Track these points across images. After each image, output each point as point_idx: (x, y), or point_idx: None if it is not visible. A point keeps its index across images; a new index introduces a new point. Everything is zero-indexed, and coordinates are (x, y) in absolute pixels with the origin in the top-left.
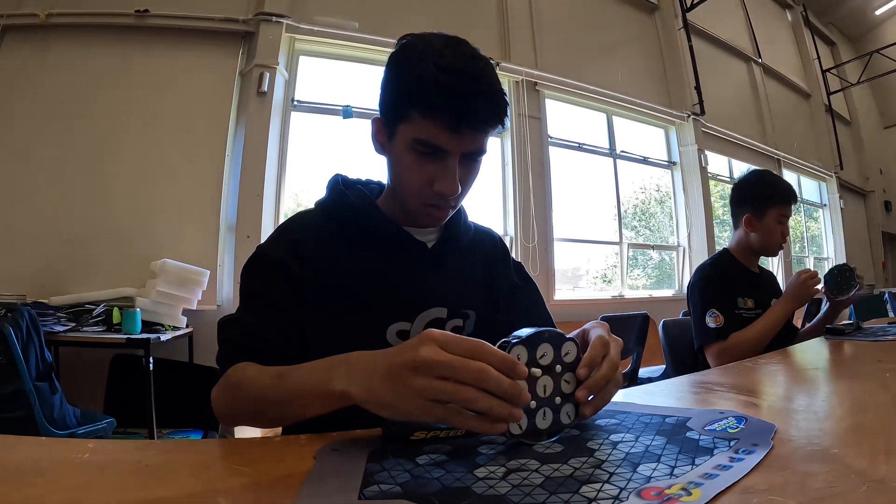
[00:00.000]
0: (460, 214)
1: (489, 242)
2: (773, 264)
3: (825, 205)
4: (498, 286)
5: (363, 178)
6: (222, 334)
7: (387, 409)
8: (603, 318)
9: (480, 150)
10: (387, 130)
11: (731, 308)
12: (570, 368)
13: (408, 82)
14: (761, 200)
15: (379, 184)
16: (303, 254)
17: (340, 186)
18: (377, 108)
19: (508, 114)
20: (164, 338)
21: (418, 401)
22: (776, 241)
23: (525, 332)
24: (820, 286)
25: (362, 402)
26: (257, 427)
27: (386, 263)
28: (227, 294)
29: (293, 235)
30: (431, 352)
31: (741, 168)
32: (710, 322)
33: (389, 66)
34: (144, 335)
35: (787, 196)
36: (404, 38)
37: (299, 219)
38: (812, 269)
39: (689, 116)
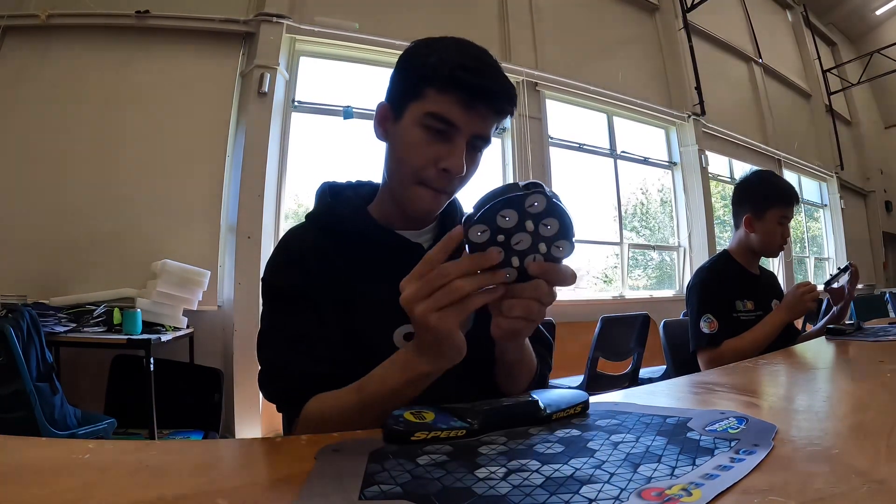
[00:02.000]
0: (456, 211)
1: None
2: (774, 265)
3: (826, 205)
4: None
5: (353, 181)
6: (263, 357)
7: (437, 347)
8: (604, 319)
9: (486, 137)
10: (394, 114)
11: (728, 312)
12: (545, 215)
13: (426, 63)
14: (761, 201)
15: (370, 184)
16: (307, 268)
17: (328, 197)
18: (384, 97)
19: (513, 112)
20: (164, 338)
21: (432, 315)
22: (776, 243)
23: (480, 201)
24: (818, 299)
25: (432, 361)
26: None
27: (384, 268)
28: (228, 295)
29: (293, 254)
30: (409, 292)
31: (742, 168)
32: (705, 328)
33: (402, 58)
34: (145, 336)
35: (788, 197)
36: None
37: (293, 235)
38: (811, 280)
39: (689, 117)
